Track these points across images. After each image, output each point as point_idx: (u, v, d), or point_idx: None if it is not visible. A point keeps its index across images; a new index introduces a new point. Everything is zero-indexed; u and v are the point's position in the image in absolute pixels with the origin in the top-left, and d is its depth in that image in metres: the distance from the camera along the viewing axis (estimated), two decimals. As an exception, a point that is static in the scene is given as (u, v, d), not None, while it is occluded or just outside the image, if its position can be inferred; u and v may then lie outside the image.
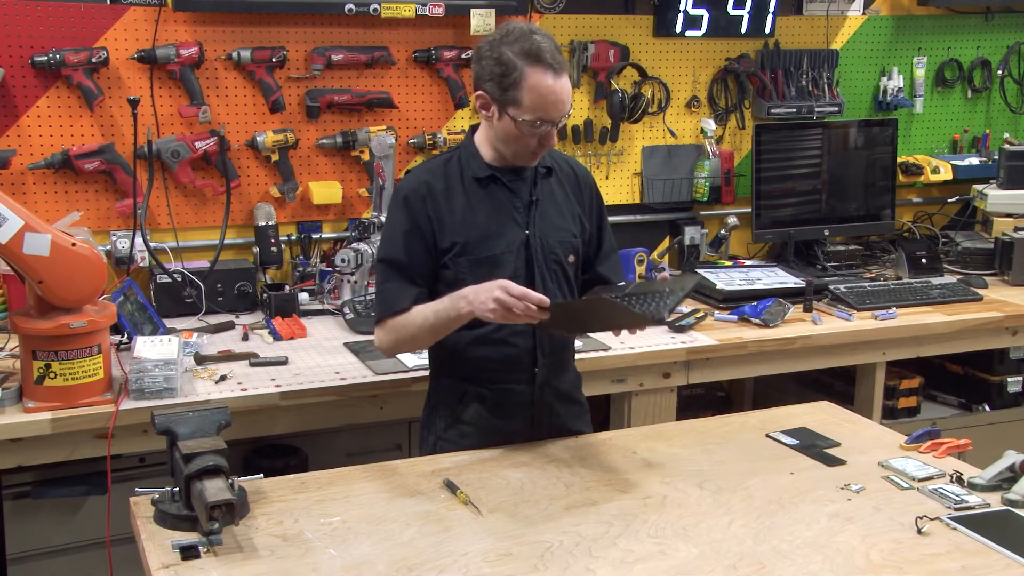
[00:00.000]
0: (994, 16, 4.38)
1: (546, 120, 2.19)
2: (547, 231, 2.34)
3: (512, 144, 2.25)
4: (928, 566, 1.80)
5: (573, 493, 2.08)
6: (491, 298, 2.09)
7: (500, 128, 2.24)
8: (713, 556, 1.83)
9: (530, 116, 2.18)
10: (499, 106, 2.21)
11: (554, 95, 2.17)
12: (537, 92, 2.16)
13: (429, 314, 2.23)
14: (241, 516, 1.93)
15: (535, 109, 2.17)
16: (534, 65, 2.16)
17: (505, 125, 2.22)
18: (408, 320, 2.26)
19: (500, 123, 2.23)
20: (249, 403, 2.54)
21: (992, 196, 4.10)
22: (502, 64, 2.17)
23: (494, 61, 2.19)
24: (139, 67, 3.19)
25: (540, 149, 2.26)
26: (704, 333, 3.14)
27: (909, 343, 3.38)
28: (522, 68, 2.16)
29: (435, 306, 2.23)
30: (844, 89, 4.18)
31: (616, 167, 3.91)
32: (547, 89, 2.17)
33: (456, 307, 2.17)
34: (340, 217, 3.53)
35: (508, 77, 2.17)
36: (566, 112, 2.23)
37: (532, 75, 2.16)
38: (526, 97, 2.17)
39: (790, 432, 2.43)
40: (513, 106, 2.19)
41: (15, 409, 2.41)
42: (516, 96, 2.17)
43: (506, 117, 2.21)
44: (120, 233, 3.19)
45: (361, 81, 3.46)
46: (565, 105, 2.21)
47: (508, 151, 2.28)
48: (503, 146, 2.28)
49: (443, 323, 2.22)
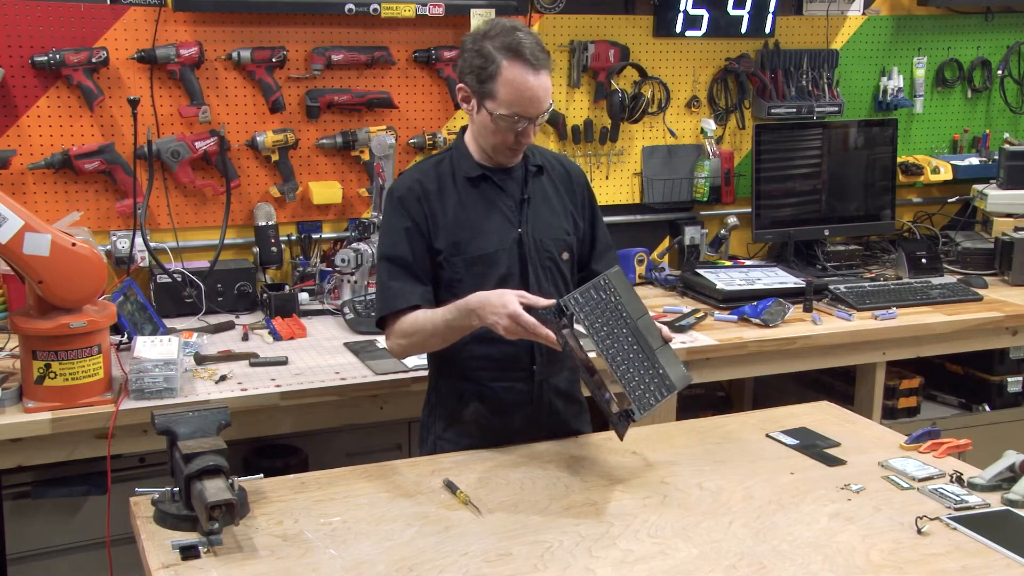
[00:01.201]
0: (994, 16, 4.38)
1: (522, 116, 2.20)
2: (540, 229, 2.34)
3: (490, 138, 2.26)
4: (928, 566, 1.80)
5: (573, 493, 2.08)
6: (501, 324, 2.09)
7: (479, 122, 2.26)
8: (713, 556, 1.83)
9: (506, 110, 2.19)
10: (477, 99, 2.23)
11: (530, 91, 2.18)
12: (513, 87, 2.17)
13: (439, 323, 2.23)
14: (241, 516, 1.93)
15: (511, 103, 2.18)
16: (512, 60, 2.17)
17: (483, 119, 2.24)
18: (418, 327, 2.26)
19: (478, 117, 2.26)
20: (249, 403, 2.54)
21: (992, 196, 4.10)
22: (482, 56, 2.19)
23: (475, 53, 2.21)
24: (139, 67, 3.19)
25: (518, 146, 2.27)
26: (704, 333, 3.14)
27: (909, 343, 3.38)
28: (500, 62, 2.17)
29: (444, 315, 2.23)
30: (844, 89, 4.18)
31: (616, 167, 3.91)
32: (523, 85, 2.17)
33: (469, 321, 2.18)
34: (340, 217, 3.53)
35: (486, 70, 2.19)
36: (543, 110, 2.23)
37: (509, 69, 2.17)
38: (502, 91, 2.18)
39: (790, 432, 2.43)
40: (490, 99, 2.20)
41: (15, 409, 2.41)
42: (492, 89, 2.19)
43: (483, 111, 2.23)
44: (120, 233, 3.19)
45: (361, 81, 3.46)
46: (542, 103, 2.21)
47: (487, 146, 2.29)
48: (482, 140, 2.29)
49: (454, 332, 2.24)
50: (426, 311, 2.26)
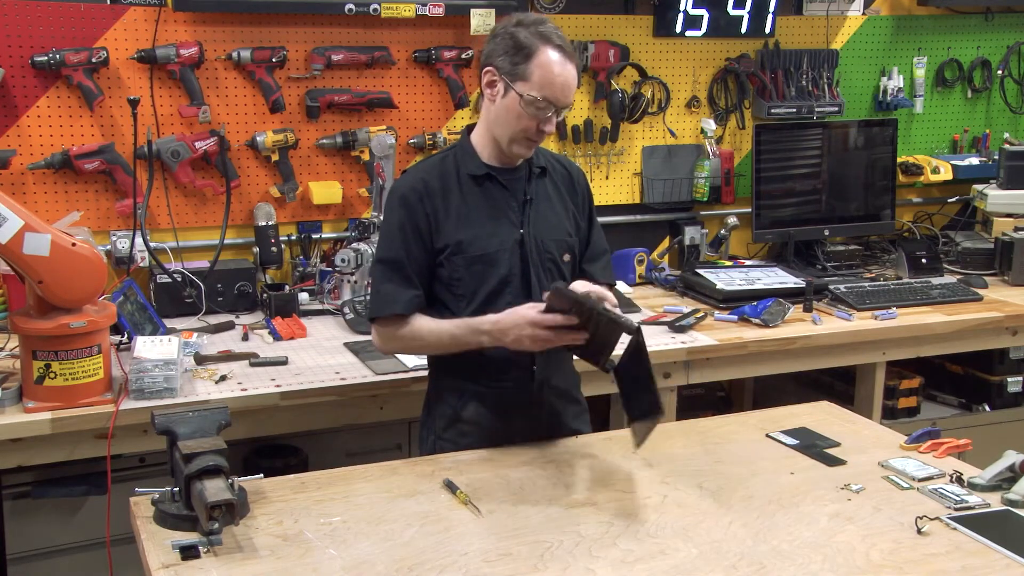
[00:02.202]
0: (994, 16, 4.38)
1: (551, 101, 2.21)
2: (542, 230, 2.34)
3: (513, 125, 2.25)
4: (928, 566, 1.80)
5: (573, 493, 2.08)
6: (527, 335, 2.14)
7: (502, 107, 2.25)
8: (713, 556, 1.83)
9: (537, 93, 2.20)
10: (507, 80, 2.23)
11: (563, 77, 2.21)
12: (548, 69, 2.20)
13: (445, 336, 2.25)
14: (241, 516, 1.93)
15: (543, 86, 2.20)
16: (547, 44, 2.21)
17: (508, 103, 2.23)
18: (418, 335, 2.28)
19: (503, 101, 2.25)
20: (249, 403, 2.54)
21: (992, 196, 4.10)
22: (516, 40, 2.22)
23: (508, 37, 2.23)
24: (139, 67, 3.19)
25: (538, 137, 2.27)
26: (704, 333, 3.14)
27: (909, 343, 3.38)
28: (536, 44, 2.20)
29: (452, 330, 2.25)
30: (844, 89, 4.18)
31: (616, 167, 3.91)
32: (558, 68, 2.20)
33: (477, 339, 2.22)
34: (340, 217, 3.53)
35: (521, 52, 2.21)
36: (569, 102, 2.25)
37: (544, 52, 2.20)
38: (536, 73, 2.20)
39: (790, 432, 2.43)
40: (522, 81, 2.21)
41: (15, 409, 2.41)
42: (526, 71, 2.20)
43: (511, 93, 2.22)
44: (120, 233, 3.19)
45: (361, 81, 3.46)
46: (570, 91, 2.24)
47: (505, 136, 2.27)
48: (501, 130, 2.28)
49: (459, 347, 2.26)
50: (430, 321, 2.27)
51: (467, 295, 2.29)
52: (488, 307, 2.24)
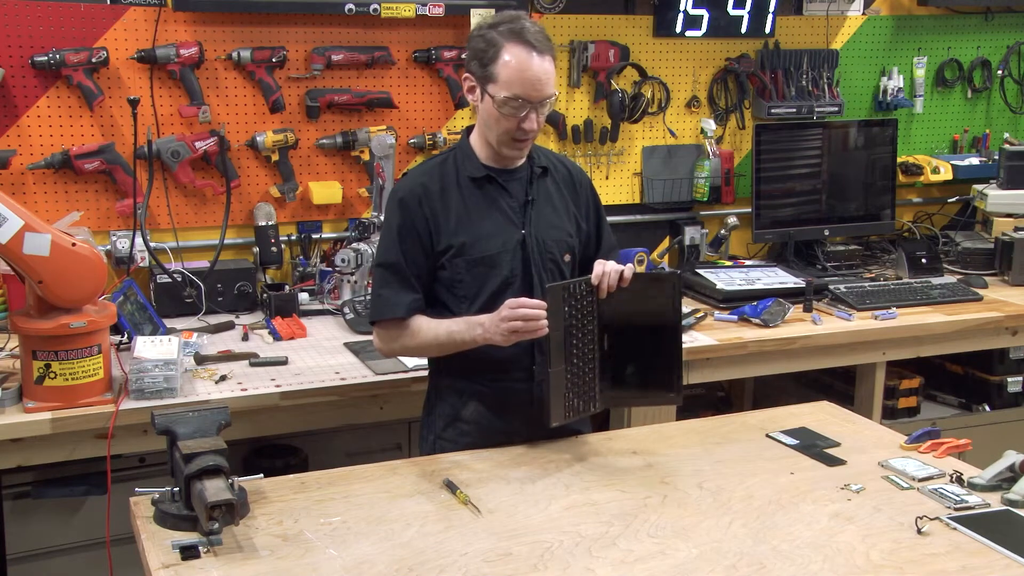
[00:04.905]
0: (994, 16, 4.38)
1: (524, 99, 2.18)
2: (543, 230, 2.34)
3: (494, 128, 2.25)
4: (928, 566, 1.80)
5: (573, 493, 2.08)
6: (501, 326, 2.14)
7: (483, 111, 2.26)
8: (713, 556, 1.83)
9: (506, 92, 2.18)
10: (480, 85, 2.23)
11: (531, 71, 2.17)
12: (512, 67, 2.17)
13: (443, 334, 2.26)
14: (241, 516, 1.93)
15: (511, 84, 2.17)
16: (513, 41, 2.18)
17: (487, 107, 2.24)
18: (417, 334, 2.29)
19: (483, 105, 2.25)
20: (249, 403, 2.54)
21: (992, 196, 4.10)
22: (485, 41, 2.21)
23: (480, 39, 2.23)
24: (139, 67, 3.19)
25: (522, 135, 2.25)
26: (704, 333, 3.14)
27: (909, 343, 3.38)
28: (501, 43, 2.18)
29: (450, 327, 2.25)
30: (844, 89, 4.18)
31: (616, 167, 3.91)
32: (524, 64, 2.17)
33: (472, 335, 2.22)
34: (340, 217, 3.53)
35: (487, 53, 2.20)
36: (546, 95, 2.21)
37: (510, 50, 2.18)
38: (503, 72, 2.18)
39: (790, 432, 2.43)
40: (492, 83, 2.20)
41: (15, 409, 2.41)
42: (494, 72, 2.19)
43: (487, 97, 2.22)
44: (120, 233, 3.19)
45: (361, 81, 3.46)
46: (544, 86, 2.20)
47: (493, 138, 2.27)
48: (488, 132, 2.28)
49: (456, 345, 2.26)
50: (428, 321, 2.28)
51: (469, 296, 2.30)
52: (490, 308, 2.24)
